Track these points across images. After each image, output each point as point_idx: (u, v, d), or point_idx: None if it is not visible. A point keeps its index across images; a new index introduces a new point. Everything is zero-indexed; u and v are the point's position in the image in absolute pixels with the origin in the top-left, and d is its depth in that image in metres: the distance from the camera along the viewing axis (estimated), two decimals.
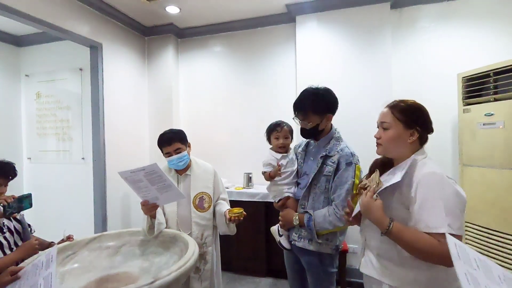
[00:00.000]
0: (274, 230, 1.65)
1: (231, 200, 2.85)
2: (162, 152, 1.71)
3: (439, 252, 0.88)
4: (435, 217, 0.92)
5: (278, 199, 1.61)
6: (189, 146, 1.77)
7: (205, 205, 1.70)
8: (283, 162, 1.59)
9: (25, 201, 1.35)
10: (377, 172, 1.07)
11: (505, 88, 2.01)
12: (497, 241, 2.04)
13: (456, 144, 2.53)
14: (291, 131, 1.66)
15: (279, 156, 1.60)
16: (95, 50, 2.78)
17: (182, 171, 1.75)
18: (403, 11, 2.77)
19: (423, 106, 1.12)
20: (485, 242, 2.13)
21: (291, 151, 1.67)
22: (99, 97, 2.78)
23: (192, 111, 3.52)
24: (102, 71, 2.81)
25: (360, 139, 2.01)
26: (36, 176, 3.36)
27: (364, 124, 2.62)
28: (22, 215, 1.50)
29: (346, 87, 2.70)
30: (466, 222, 2.26)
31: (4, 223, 1.40)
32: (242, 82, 3.32)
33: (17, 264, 1.24)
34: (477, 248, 2.19)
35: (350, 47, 2.78)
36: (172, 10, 2.96)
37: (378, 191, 1.02)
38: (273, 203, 1.69)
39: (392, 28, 2.73)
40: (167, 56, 3.39)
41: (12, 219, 1.45)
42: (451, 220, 0.91)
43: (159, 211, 1.57)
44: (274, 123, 1.68)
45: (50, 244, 1.51)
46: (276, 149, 1.64)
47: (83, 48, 2.79)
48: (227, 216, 1.57)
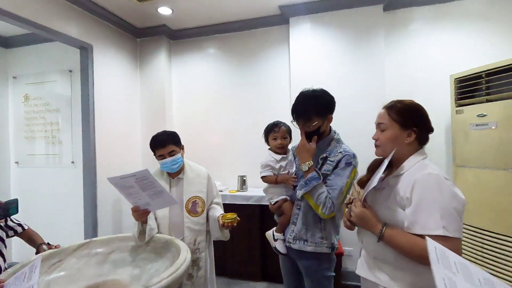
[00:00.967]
0: (269, 235, 1.61)
1: (225, 204, 2.83)
2: (155, 155, 1.67)
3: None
4: (430, 219, 0.90)
5: (275, 201, 1.58)
6: (182, 149, 1.73)
7: (198, 209, 1.66)
8: (282, 164, 1.57)
9: (11, 207, 1.29)
10: (354, 184, 1.07)
11: (497, 89, 2.03)
12: (490, 241, 2.04)
13: (449, 145, 2.54)
14: (289, 131, 1.64)
15: (278, 157, 1.58)
16: (85, 51, 2.72)
17: (175, 174, 1.71)
18: (396, 13, 2.79)
19: (420, 106, 1.11)
20: (478, 243, 2.13)
21: (290, 152, 1.65)
22: (90, 99, 2.72)
23: (185, 114, 3.48)
24: (93, 73, 2.75)
25: (355, 140, 2.00)
26: (24, 181, 3.27)
27: (358, 125, 2.63)
28: (9, 221, 1.44)
29: (340, 89, 2.69)
30: None
31: None
32: (235, 84, 3.29)
33: None
34: (470, 249, 2.20)
35: (343, 49, 2.78)
36: (164, 11, 2.92)
37: (365, 195, 1.04)
38: (268, 206, 1.66)
39: (385, 30, 2.74)
40: (160, 58, 3.35)
41: None
42: (446, 223, 0.89)
43: (150, 216, 1.52)
44: (271, 124, 1.65)
45: (39, 247, 1.44)
46: (275, 149, 1.61)
47: (73, 49, 2.73)
48: (220, 222, 1.53)
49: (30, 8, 2.22)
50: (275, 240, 1.56)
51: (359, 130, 2.60)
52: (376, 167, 1.14)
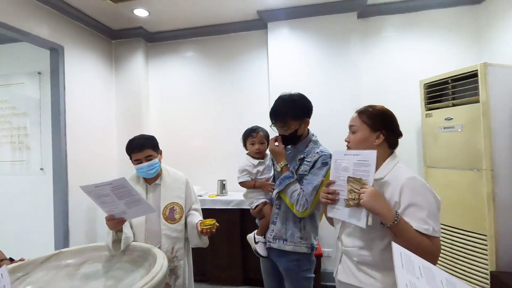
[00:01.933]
0: (250, 237, 1.62)
1: (204, 208, 2.77)
2: (131, 159, 1.61)
3: (432, 251, 0.95)
4: (421, 220, 0.96)
5: (255, 205, 1.59)
6: (160, 154, 1.69)
7: (176, 216, 1.62)
8: (259, 169, 1.59)
9: None
10: (351, 180, 1.04)
11: (461, 94, 2.16)
12: (460, 238, 2.15)
13: (420, 147, 2.66)
14: (266, 136, 1.65)
15: (255, 162, 1.59)
16: (56, 53, 2.60)
17: (152, 180, 1.65)
18: (369, 20, 2.90)
19: (389, 111, 1.17)
20: (449, 239, 2.24)
21: (268, 157, 1.66)
22: (60, 103, 2.59)
23: (163, 118, 3.41)
24: (64, 75, 2.63)
25: (331, 141, 2.03)
26: None
27: (334, 127, 2.68)
28: None
29: (317, 92, 2.75)
30: None
31: None
32: (214, 88, 3.28)
33: None
34: (442, 245, 2.30)
35: (321, 54, 2.85)
36: (141, 13, 2.86)
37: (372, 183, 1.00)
38: (249, 210, 1.66)
39: (360, 36, 2.85)
40: (136, 60, 3.26)
41: None
42: (433, 223, 0.96)
43: (125, 224, 1.46)
44: (249, 129, 1.66)
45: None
46: (253, 154, 1.62)
47: (42, 50, 2.61)
48: (199, 229, 1.51)
49: None
50: (256, 243, 1.56)
51: (335, 131, 2.65)
52: None
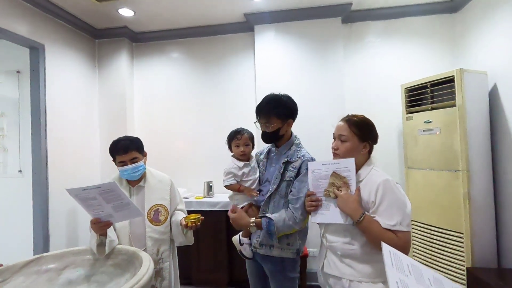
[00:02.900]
0: (236, 239, 1.62)
1: (190, 210, 2.77)
2: (114, 160, 1.58)
3: (398, 245, 1.03)
4: (391, 216, 1.10)
5: (240, 206, 1.59)
6: (145, 156, 1.67)
7: (161, 217, 1.60)
8: (245, 171, 1.58)
9: None
10: (339, 175, 1.21)
11: (439, 98, 2.26)
12: (438, 236, 2.24)
13: (401, 149, 2.75)
14: (251, 138, 1.66)
15: (241, 164, 1.59)
16: (36, 51, 2.52)
17: (135, 182, 1.63)
18: (353, 26, 2.98)
19: (371, 121, 1.27)
20: (427, 237, 2.33)
21: (253, 159, 1.67)
22: (41, 103, 2.51)
23: (148, 119, 3.36)
24: (44, 74, 2.55)
25: (314, 144, 2.09)
26: None
27: (318, 130, 2.75)
28: None
29: (302, 95, 2.79)
30: (411, 220, 2.45)
31: None
32: (200, 89, 3.26)
33: None
34: (420, 243, 2.39)
35: (306, 57, 2.90)
36: (126, 12, 2.82)
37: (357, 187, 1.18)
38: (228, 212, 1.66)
39: (344, 41, 2.92)
40: (121, 60, 3.21)
41: None
42: (401, 219, 1.09)
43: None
44: (234, 131, 1.67)
45: None
46: (238, 156, 1.62)
47: (22, 49, 2.52)
48: (184, 223, 1.50)
49: None
50: (241, 245, 1.56)
51: (319, 134, 2.72)
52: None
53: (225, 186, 1.61)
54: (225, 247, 2.79)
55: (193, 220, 1.49)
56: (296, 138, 1.55)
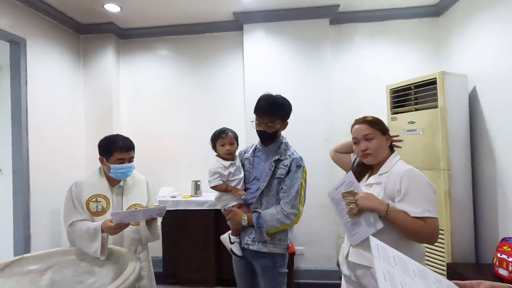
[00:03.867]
0: (225, 238, 1.62)
1: (178, 210, 2.76)
2: (110, 156, 1.53)
3: (428, 231, 1.10)
4: (418, 204, 1.12)
5: (230, 205, 1.60)
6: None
7: None
8: (231, 170, 1.59)
9: None
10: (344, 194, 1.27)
11: (422, 99, 2.32)
12: None
13: None
14: (236, 137, 1.67)
15: (227, 163, 1.60)
16: (17, 46, 2.44)
17: (116, 182, 1.61)
18: (341, 27, 3.03)
19: None
20: None
21: (237, 158, 1.68)
22: (22, 99, 2.43)
23: (135, 117, 3.30)
24: (26, 70, 2.47)
25: (302, 144, 2.13)
26: None
27: (306, 130, 2.79)
28: None
29: (291, 95, 2.77)
30: None
31: None
32: (189, 87, 3.24)
33: None
34: None
35: (294, 57, 2.92)
36: (112, 8, 2.76)
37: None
38: (222, 211, 1.67)
39: (332, 42, 2.96)
40: (106, 57, 3.14)
41: None
42: (429, 206, 1.12)
43: None
44: (218, 130, 1.68)
45: None
46: (223, 155, 1.63)
47: (1, 43, 2.42)
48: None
49: None
50: (232, 243, 1.57)
51: (306, 134, 2.77)
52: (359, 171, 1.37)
53: (211, 187, 1.61)
54: (213, 246, 2.79)
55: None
56: (283, 137, 1.59)
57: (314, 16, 2.87)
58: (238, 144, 1.69)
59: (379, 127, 1.27)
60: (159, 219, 1.61)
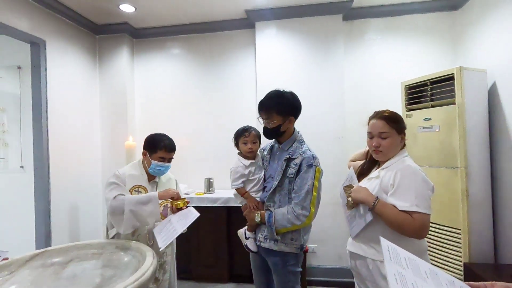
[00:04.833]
0: (241, 233, 1.65)
1: (191, 206, 2.79)
2: (154, 152, 1.64)
3: (412, 226, 1.11)
4: (407, 198, 1.14)
5: (245, 203, 1.64)
6: None
7: (169, 213, 1.65)
8: (251, 169, 1.61)
9: None
10: (344, 188, 1.34)
11: (439, 96, 2.27)
12: (436, 232, 2.27)
13: None
14: (258, 136, 1.67)
15: (247, 162, 1.61)
16: (37, 47, 2.52)
17: (151, 177, 1.71)
18: (354, 23, 2.99)
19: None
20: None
21: (259, 157, 1.69)
22: (42, 99, 2.52)
23: (149, 115, 3.37)
24: (46, 70, 2.56)
25: (315, 142, 2.11)
26: None
27: (319, 128, 2.77)
28: None
29: (303, 92, 2.77)
30: None
31: None
32: (201, 86, 3.27)
33: None
34: None
35: (306, 54, 2.90)
36: (127, 8, 2.81)
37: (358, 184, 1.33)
38: (236, 208, 1.70)
39: (344, 38, 2.92)
40: (121, 56, 3.21)
41: None
42: (419, 201, 1.12)
43: None
44: (241, 128, 1.69)
45: None
46: (245, 154, 1.65)
47: (23, 44, 2.51)
48: (174, 208, 1.59)
49: None
50: (247, 238, 1.59)
51: (318, 132, 2.75)
52: (368, 167, 1.42)
53: (234, 187, 1.66)
54: (225, 243, 2.82)
55: (179, 202, 1.57)
56: (298, 134, 1.56)
57: (327, 12, 2.84)
58: (260, 143, 1.70)
59: (396, 126, 1.27)
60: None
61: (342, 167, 2.69)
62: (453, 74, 2.14)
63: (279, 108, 1.46)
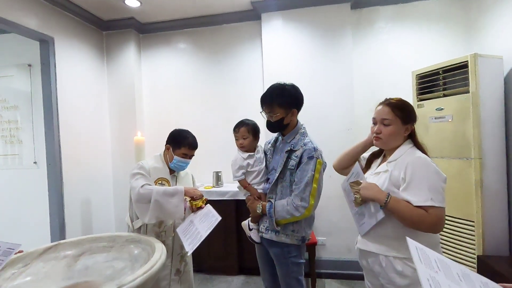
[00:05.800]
0: (245, 224, 1.67)
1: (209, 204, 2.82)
2: (177, 148, 1.68)
3: (428, 221, 1.05)
4: (421, 193, 1.08)
5: (248, 195, 1.64)
6: None
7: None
8: (250, 162, 1.62)
9: None
10: (351, 184, 1.27)
11: (452, 84, 2.20)
12: (449, 224, 2.23)
13: None
14: (251, 130, 1.66)
15: (245, 155, 1.63)
16: (46, 44, 2.55)
17: (172, 171, 1.76)
18: (362, 11, 2.91)
19: (410, 103, 1.27)
20: None
21: (259, 149, 1.69)
22: (52, 95, 2.56)
23: (156, 110, 3.39)
24: (55, 67, 2.59)
25: (321, 132, 2.08)
26: None
27: (326, 119, 2.73)
28: None
29: (310, 83, 2.77)
30: None
31: None
32: (208, 79, 3.26)
33: None
34: None
35: (314, 44, 2.85)
36: (132, 3, 2.81)
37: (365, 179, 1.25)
38: (244, 200, 1.72)
39: (352, 27, 2.85)
40: (128, 52, 3.22)
41: None
42: (433, 195, 1.07)
43: None
44: (236, 124, 1.71)
45: None
46: (239, 148, 1.68)
47: (32, 42, 2.55)
48: (193, 207, 1.62)
49: None
50: (250, 230, 1.61)
51: (326, 123, 2.72)
52: (374, 157, 1.39)
53: (236, 178, 1.67)
54: (234, 236, 2.84)
55: (197, 201, 1.61)
56: (302, 127, 1.54)
57: (335, 1, 2.76)
58: (258, 136, 1.69)
59: (402, 115, 1.20)
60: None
61: None
62: (467, 61, 2.06)
63: (281, 101, 1.45)
